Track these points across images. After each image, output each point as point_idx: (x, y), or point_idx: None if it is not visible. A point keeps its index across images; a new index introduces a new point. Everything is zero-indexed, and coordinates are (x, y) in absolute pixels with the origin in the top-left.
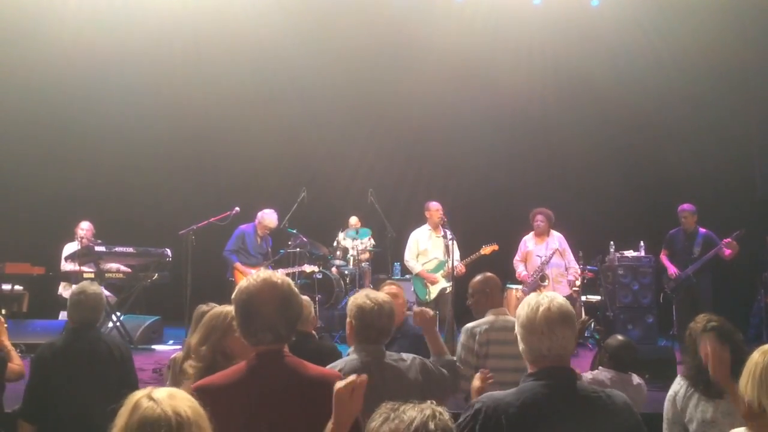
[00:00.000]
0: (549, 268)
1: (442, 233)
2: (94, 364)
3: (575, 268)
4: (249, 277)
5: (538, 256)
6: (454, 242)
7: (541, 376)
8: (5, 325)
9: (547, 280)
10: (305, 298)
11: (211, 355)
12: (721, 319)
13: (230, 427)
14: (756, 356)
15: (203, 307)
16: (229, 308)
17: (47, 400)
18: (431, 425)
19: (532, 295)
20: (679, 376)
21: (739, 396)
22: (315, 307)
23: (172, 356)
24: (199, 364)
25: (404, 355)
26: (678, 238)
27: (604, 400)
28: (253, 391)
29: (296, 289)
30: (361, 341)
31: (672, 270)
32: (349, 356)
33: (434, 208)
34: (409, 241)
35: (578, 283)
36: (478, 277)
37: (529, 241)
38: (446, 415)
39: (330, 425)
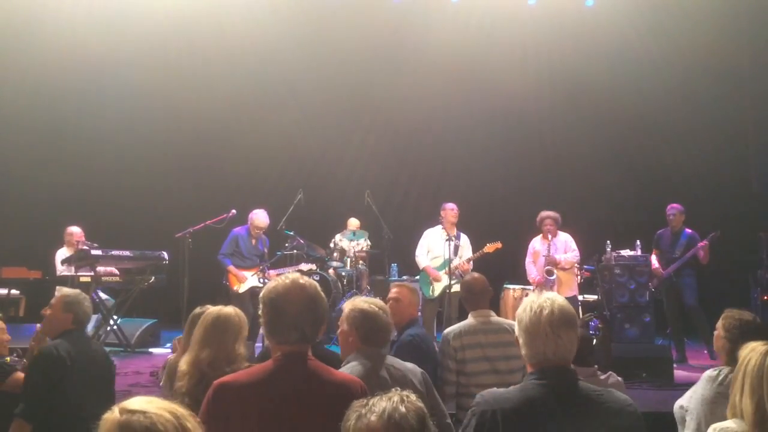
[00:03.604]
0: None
1: (456, 234)
2: (92, 368)
3: (574, 253)
4: (277, 278)
5: (544, 256)
6: (462, 242)
7: (542, 375)
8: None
9: (554, 274)
10: None
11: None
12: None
13: (250, 426)
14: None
15: (198, 311)
16: (228, 310)
17: (50, 402)
18: (402, 408)
19: (532, 296)
20: (712, 369)
21: None
22: None
23: (168, 358)
24: (192, 377)
25: (407, 363)
26: (665, 237)
27: (605, 399)
28: (276, 391)
29: (322, 293)
30: (370, 344)
31: (654, 268)
32: (351, 364)
33: (448, 208)
34: (421, 237)
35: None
36: (465, 278)
37: (536, 243)
38: (413, 397)
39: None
